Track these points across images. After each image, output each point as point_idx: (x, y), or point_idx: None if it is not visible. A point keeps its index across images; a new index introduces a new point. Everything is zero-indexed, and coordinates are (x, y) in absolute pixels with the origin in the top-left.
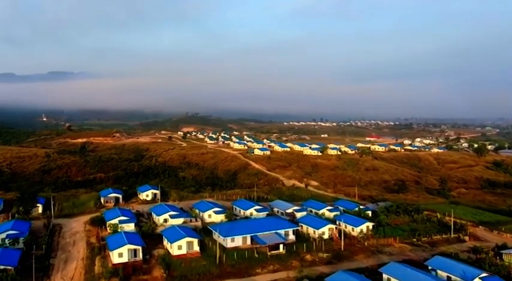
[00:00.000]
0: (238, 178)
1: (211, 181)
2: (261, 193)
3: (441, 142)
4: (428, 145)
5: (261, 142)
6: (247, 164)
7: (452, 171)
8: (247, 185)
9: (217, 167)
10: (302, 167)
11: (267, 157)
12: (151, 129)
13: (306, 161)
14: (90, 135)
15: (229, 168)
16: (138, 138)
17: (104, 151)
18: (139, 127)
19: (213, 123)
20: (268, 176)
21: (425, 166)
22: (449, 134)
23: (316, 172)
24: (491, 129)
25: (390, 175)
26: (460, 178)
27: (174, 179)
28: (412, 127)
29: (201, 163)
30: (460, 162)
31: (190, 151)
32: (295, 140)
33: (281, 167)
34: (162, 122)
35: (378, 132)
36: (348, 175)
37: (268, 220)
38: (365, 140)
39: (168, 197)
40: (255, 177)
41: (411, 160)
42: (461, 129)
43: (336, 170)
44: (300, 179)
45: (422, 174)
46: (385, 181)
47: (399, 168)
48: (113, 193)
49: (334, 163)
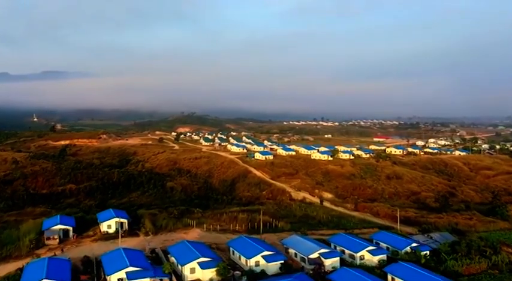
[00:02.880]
0: (237, 189)
1: (204, 192)
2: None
3: (458, 143)
4: (444, 146)
5: (262, 144)
6: (246, 171)
7: (490, 180)
8: (248, 198)
9: (212, 174)
10: (311, 174)
11: (270, 163)
12: (145, 129)
13: (315, 167)
14: (74, 137)
15: (226, 176)
16: (127, 140)
17: (87, 154)
18: (133, 127)
19: (210, 123)
20: (273, 187)
21: (454, 172)
22: (462, 134)
23: (329, 180)
24: (504, 129)
25: (418, 185)
26: (502, 189)
27: (160, 191)
28: (419, 126)
29: (193, 169)
30: (495, 168)
31: (182, 155)
32: (298, 141)
33: (287, 174)
34: (156, 122)
35: (383, 132)
36: (368, 185)
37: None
38: (373, 141)
39: (140, 228)
40: (256, 188)
41: (436, 165)
42: (473, 129)
43: (352, 179)
44: (310, 191)
45: (454, 183)
46: (413, 192)
47: (426, 176)
48: (59, 223)
49: (349, 169)
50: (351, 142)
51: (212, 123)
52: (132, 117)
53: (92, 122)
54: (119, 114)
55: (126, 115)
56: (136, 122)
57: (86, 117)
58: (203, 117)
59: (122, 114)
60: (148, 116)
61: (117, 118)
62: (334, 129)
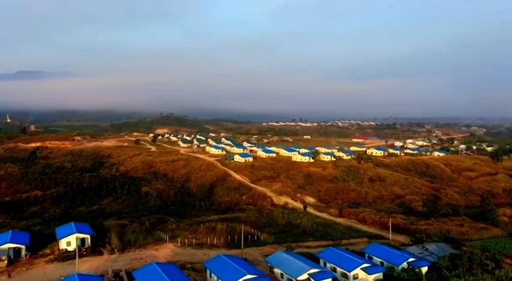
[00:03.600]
0: (216, 193)
1: (180, 198)
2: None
3: (435, 144)
4: (422, 146)
5: (242, 146)
6: (226, 175)
7: (472, 181)
8: (227, 203)
9: (189, 178)
10: (293, 177)
11: (250, 165)
12: (122, 130)
13: (296, 169)
14: (46, 138)
15: (205, 180)
16: (102, 142)
17: (58, 157)
18: (110, 129)
19: (188, 124)
20: (253, 191)
21: (437, 174)
22: (438, 134)
23: (311, 184)
24: (477, 129)
25: (401, 188)
26: (485, 191)
27: (134, 197)
28: (395, 127)
29: (170, 173)
30: (476, 169)
31: (159, 158)
32: (277, 142)
33: (267, 178)
34: (134, 123)
35: (360, 133)
36: (351, 189)
37: None
38: (352, 142)
39: (105, 244)
40: (236, 192)
41: (418, 166)
42: (448, 129)
43: (335, 182)
44: (292, 195)
45: (438, 185)
46: (397, 195)
47: (409, 178)
48: (9, 241)
49: (331, 172)
50: (331, 143)
51: (191, 124)
52: (110, 118)
53: (68, 124)
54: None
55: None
56: (114, 123)
57: (62, 119)
58: (182, 118)
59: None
60: (127, 117)
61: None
62: (313, 130)
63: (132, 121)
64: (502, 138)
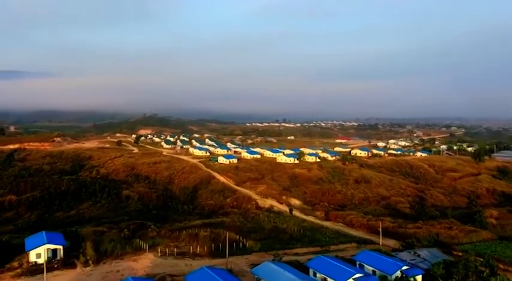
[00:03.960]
0: (199, 196)
1: (163, 201)
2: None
3: (417, 144)
4: (405, 147)
5: (226, 147)
6: (210, 177)
7: (456, 182)
8: (211, 207)
9: (172, 181)
10: (278, 179)
11: (234, 167)
12: (104, 131)
13: (281, 171)
14: (25, 140)
15: (188, 182)
16: (83, 144)
17: (37, 159)
18: (93, 129)
19: (172, 124)
20: (237, 194)
21: (421, 175)
22: (419, 134)
23: (296, 186)
24: (456, 129)
25: (387, 189)
26: (470, 191)
27: (115, 201)
28: (377, 127)
29: (152, 175)
30: (459, 170)
31: (141, 160)
32: (262, 143)
33: (252, 179)
34: (117, 124)
35: (343, 133)
36: (337, 190)
37: None
38: (335, 142)
39: (79, 255)
40: (220, 195)
41: (402, 167)
42: (429, 130)
43: (320, 184)
44: (278, 198)
45: (422, 186)
46: (383, 197)
47: (394, 179)
48: None
49: (317, 173)
50: (314, 144)
51: (174, 125)
52: (92, 119)
53: (49, 124)
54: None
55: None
56: (96, 124)
57: (43, 119)
58: (165, 119)
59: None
60: (110, 118)
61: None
62: (296, 130)
63: (115, 122)
64: (480, 138)
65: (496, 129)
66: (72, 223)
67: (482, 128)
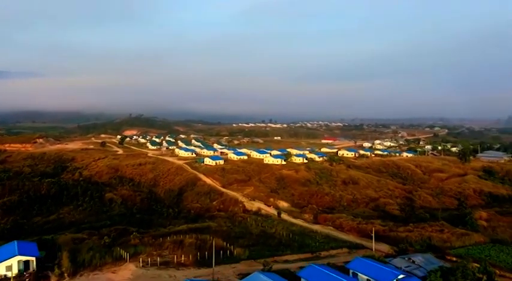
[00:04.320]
0: (185, 199)
1: (147, 204)
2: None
3: (402, 144)
4: (390, 147)
5: (212, 148)
6: (196, 179)
7: (444, 183)
8: (197, 210)
9: (157, 183)
10: (265, 181)
11: (221, 169)
12: (89, 132)
13: (268, 172)
14: (6, 141)
15: (173, 184)
16: (66, 145)
17: (17, 161)
18: (77, 130)
19: (158, 125)
20: (224, 196)
21: (408, 175)
22: (403, 135)
23: (284, 187)
24: (440, 130)
25: (375, 190)
26: (457, 192)
27: (97, 204)
28: (362, 128)
29: (136, 177)
30: (446, 170)
31: (125, 161)
32: (248, 144)
33: (239, 181)
34: (102, 125)
35: (329, 134)
36: (325, 192)
37: None
38: (322, 143)
39: (54, 266)
40: (206, 197)
41: (389, 168)
42: (413, 130)
43: (308, 185)
44: (265, 200)
45: (410, 187)
46: (371, 198)
47: (381, 180)
48: None
49: (304, 174)
50: (301, 144)
51: (160, 126)
52: (77, 120)
53: (32, 125)
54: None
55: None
56: (81, 124)
57: (27, 120)
58: (151, 120)
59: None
60: (95, 119)
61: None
62: (282, 131)
63: (100, 123)
64: (463, 138)
65: (478, 130)
66: (51, 229)
67: (464, 128)
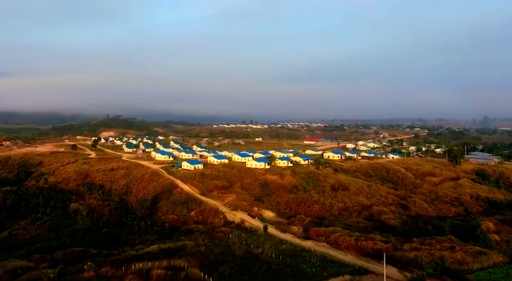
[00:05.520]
0: (159, 209)
1: (117, 216)
2: (196, 258)
3: (386, 145)
4: (374, 148)
5: (191, 151)
6: (172, 186)
7: (437, 188)
8: (172, 222)
9: (130, 190)
10: (248, 187)
11: (200, 174)
12: (64, 134)
13: (251, 178)
14: None
15: (147, 192)
16: (36, 148)
17: None
18: (52, 132)
19: (136, 126)
20: (203, 205)
21: (399, 180)
22: (385, 135)
23: (269, 194)
24: (420, 130)
25: (367, 197)
26: (453, 198)
27: (59, 216)
28: (343, 129)
29: (107, 184)
30: (437, 173)
31: (96, 166)
32: (229, 146)
33: (220, 188)
34: (78, 126)
35: (310, 135)
36: (314, 200)
37: None
38: (304, 144)
39: None
40: (183, 207)
41: (378, 171)
42: (393, 131)
43: (295, 192)
44: (249, 209)
45: (402, 192)
46: (364, 206)
47: (372, 185)
48: None
49: (290, 180)
50: (283, 145)
51: (139, 127)
52: (53, 121)
53: (5, 126)
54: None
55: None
56: (56, 126)
57: None
58: (129, 121)
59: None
60: (71, 120)
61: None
62: (264, 132)
63: (76, 124)
64: (444, 139)
65: (458, 130)
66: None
67: (443, 128)
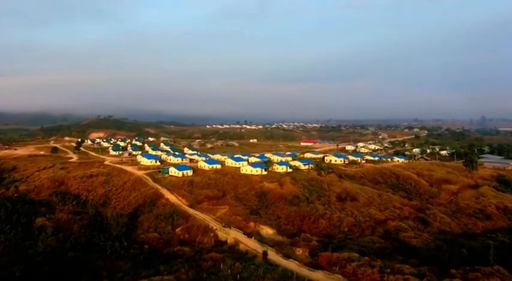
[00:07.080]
0: (139, 225)
1: (88, 235)
2: None
3: (387, 147)
4: (375, 150)
5: (180, 155)
6: (156, 196)
7: (457, 197)
8: (153, 242)
9: (108, 201)
10: (243, 198)
11: (189, 181)
12: (52, 135)
13: (247, 186)
14: None
15: (127, 204)
16: (15, 150)
17: None
18: (40, 133)
19: (128, 127)
20: (191, 221)
21: (412, 187)
22: (384, 136)
23: (267, 206)
24: (420, 131)
25: (379, 208)
26: (477, 210)
27: (20, 235)
28: (340, 129)
29: (84, 193)
30: (453, 180)
31: (74, 172)
32: (222, 148)
33: (211, 199)
34: (68, 127)
35: (306, 136)
36: (320, 214)
37: None
38: (301, 146)
39: None
40: (167, 222)
41: (386, 177)
42: (392, 131)
43: (297, 204)
44: (244, 225)
45: (418, 203)
46: (377, 220)
47: (383, 194)
48: None
49: (291, 189)
50: (279, 147)
51: (130, 128)
52: (43, 121)
53: None
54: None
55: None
56: (44, 126)
57: None
58: (121, 121)
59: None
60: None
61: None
62: (258, 132)
63: (65, 124)
64: (445, 140)
65: (458, 131)
66: None
67: (443, 129)
